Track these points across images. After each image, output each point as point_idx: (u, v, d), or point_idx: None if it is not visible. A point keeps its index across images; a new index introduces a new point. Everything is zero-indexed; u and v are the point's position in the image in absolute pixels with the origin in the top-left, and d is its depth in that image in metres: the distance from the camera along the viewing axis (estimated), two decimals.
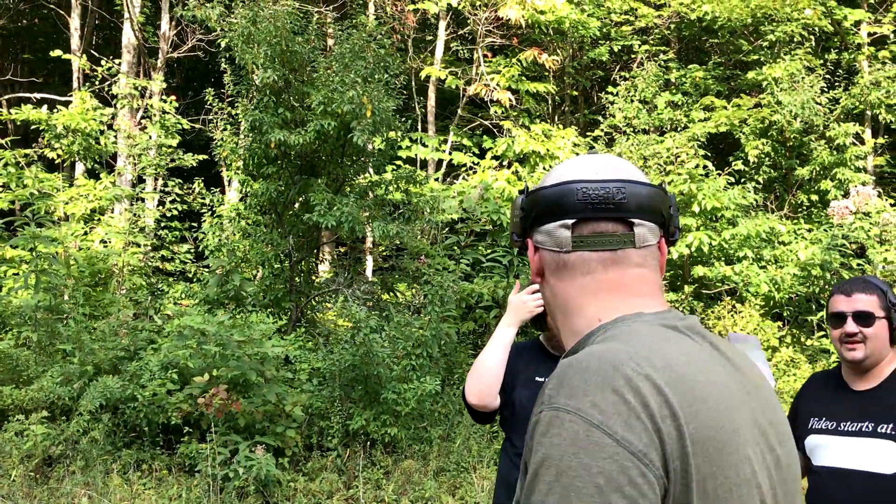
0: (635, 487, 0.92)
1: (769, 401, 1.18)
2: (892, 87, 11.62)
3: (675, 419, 0.98)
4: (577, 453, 0.94)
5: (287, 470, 6.15)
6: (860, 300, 2.43)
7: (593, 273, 1.20)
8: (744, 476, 1.03)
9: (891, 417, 2.32)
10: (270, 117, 7.69)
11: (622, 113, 11.69)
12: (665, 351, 1.06)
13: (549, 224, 1.22)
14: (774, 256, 9.89)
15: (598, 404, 0.97)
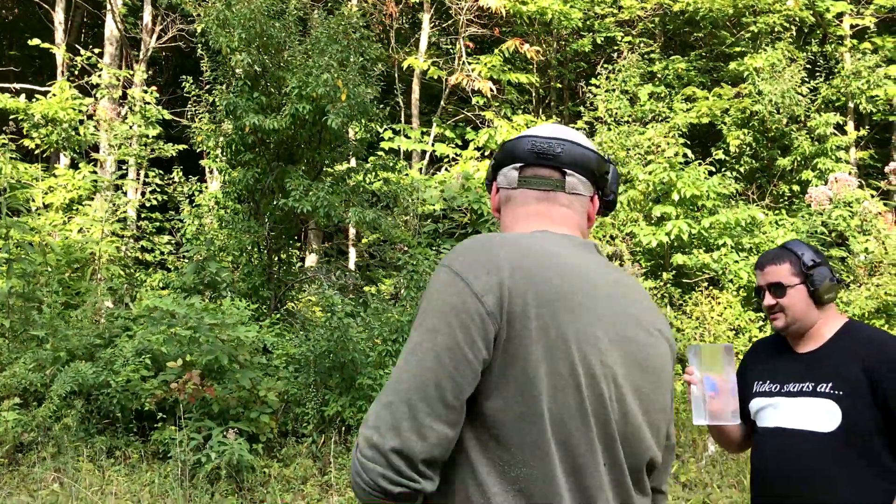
0: (468, 315, 1.29)
1: (648, 320, 1.49)
2: (871, 78, 11.67)
3: (526, 280, 1.31)
4: (440, 290, 1.34)
5: (261, 456, 6.12)
6: (771, 272, 2.51)
7: (528, 205, 1.56)
8: (585, 336, 1.33)
9: (830, 377, 2.36)
10: (245, 102, 7.65)
11: (605, 104, 11.68)
12: (544, 243, 1.41)
13: (506, 167, 1.59)
14: (754, 245, 9.91)
15: (464, 262, 1.35)
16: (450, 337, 1.28)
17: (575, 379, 1.30)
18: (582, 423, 1.31)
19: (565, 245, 1.44)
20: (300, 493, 5.75)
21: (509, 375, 1.28)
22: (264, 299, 8.31)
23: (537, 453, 1.28)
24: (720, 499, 5.98)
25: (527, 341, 1.28)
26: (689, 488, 6.22)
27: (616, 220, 10.33)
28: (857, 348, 2.37)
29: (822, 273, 2.46)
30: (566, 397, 1.30)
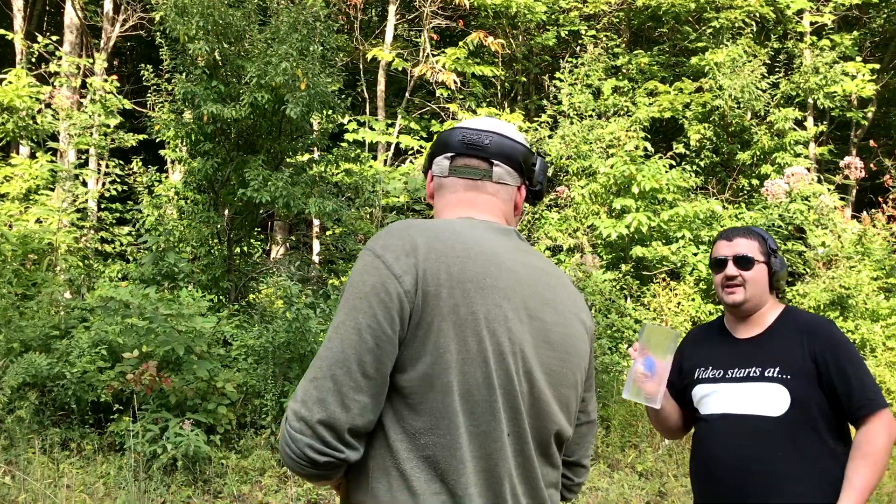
0: (388, 294, 1.39)
1: (558, 300, 1.58)
2: (829, 74, 11.86)
3: (439, 261, 1.41)
4: (362, 272, 1.43)
5: (219, 447, 6.08)
6: (741, 244, 2.49)
7: (457, 192, 1.66)
8: (495, 315, 1.43)
9: (776, 361, 2.37)
10: (204, 91, 7.57)
11: (569, 98, 11.75)
12: (462, 228, 1.51)
13: (439, 157, 1.69)
14: (712, 237, 10.04)
15: (385, 244, 1.44)
16: (370, 315, 1.37)
17: (482, 353, 1.40)
18: (488, 394, 1.40)
19: (484, 230, 1.54)
20: (258, 483, 5.73)
21: (423, 350, 1.37)
22: (224, 290, 8.25)
23: (444, 421, 1.37)
24: (675, 487, 6.07)
25: (439, 318, 1.37)
26: (645, 477, 6.30)
27: (578, 212, 10.41)
28: (798, 333, 2.40)
29: (781, 261, 2.51)
30: (474, 370, 1.39)
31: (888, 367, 7.89)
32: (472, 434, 1.40)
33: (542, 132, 11.52)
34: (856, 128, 14.85)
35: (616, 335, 8.50)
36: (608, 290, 9.08)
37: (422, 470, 1.38)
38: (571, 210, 10.51)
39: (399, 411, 1.39)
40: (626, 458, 6.64)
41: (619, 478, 6.17)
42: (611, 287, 9.20)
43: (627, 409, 7.37)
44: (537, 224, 10.56)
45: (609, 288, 9.13)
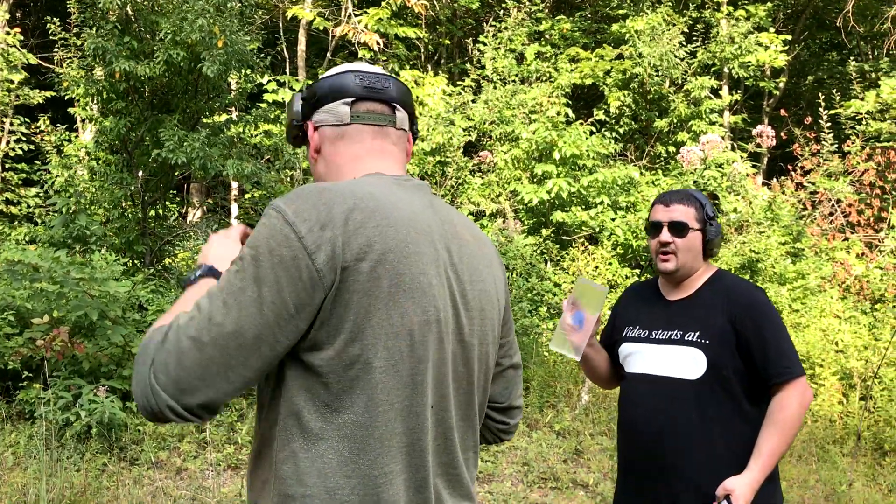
0: (298, 271, 1.26)
1: (472, 254, 1.52)
2: (744, 44, 12.17)
3: (357, 235, 1.29)
4: (271, 238, 1.28)
5: (135, 414, 5.96)
6: (677, 210, 2.48)
7: (363, 141, 1.52)
8: (419, 283, 1.35)
9: (698, 326, 2.40)
10: (115, 46, 7.27)
11: (492, 63, 11.76)
12: (375, 190, 1.39)
13: (332, 103, 1.52)
14: (630, 203, 10.26)
15: (299, 211, 1.30)
16: (275, 291, 1.25)
17: (407, 326, 1.32)
18: (412, 367, 1.33)
19: (399, 189, 1.45)
20: (176, 450, 5.64)
21: (340, 327, 1.28)
22: (139, 254, 8.02)
23: (362, 399, 1.29)
24: (591, 445, 6.25)
25: (358, 294, 1.28)
26: (562, 436, 6.46)
27: (500, 178, 10.48)
28: (722, 297, 2.42)
29: (717, 227, 2.51)
30: (398, 344, 1.31)
31: (793, 328, 8.24)
32: (395, 410, 1.32)
33: (466, 96, 11.50)
34: (768, 97, 15.33)
35: (536, 298, 8.64)
36: (529, 255, 9.21)
37: (335, 451, 1.30)
38: (494, 175, 10.58)
39: (314, 391, 1.30)
40: (545, 418, 6.80)
41: (537, 437, 6.31)
42: (532, 251, 9.32)
43: (546, 371, 7.53)
44: (460, 189, 10.59)
45: (530, 252, 9.26)
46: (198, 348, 1.23)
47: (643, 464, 2.44)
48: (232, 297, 1.25)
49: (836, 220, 10.10)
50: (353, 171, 1.50)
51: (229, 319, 1.24)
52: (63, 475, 4.76)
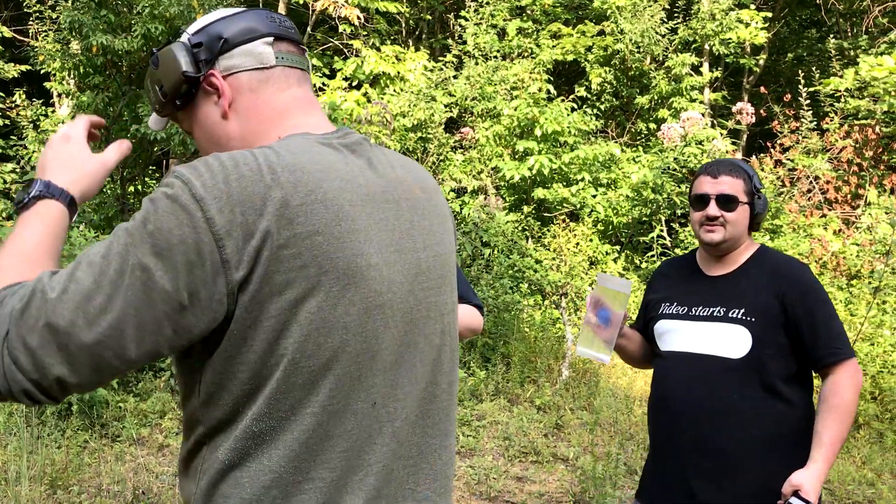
0: (199, 256, 1.04)
1: (424, 212, 1.29)
2: (725, 21, 12.18)
3: (279, 217, 1.06)
4: (170, 213, 1.04)
5: (116, 391, 5.96)
6: (725, 182, 2.36)
7: (290, 88, 1.27)
8: (356, 266, 1.13)
9: (742, 303, 2.30)
10: (92, 20, 7.16)
11: (474, 38, 11.71)
12: (302, 159, 1.13)
13: (248, 44, 1.25)
14: (610, 180, 10.30)
15: (207, 185, 1.05)
16: (170, 277, 1.03)
17: (341, 318, 1.11)
18: (348, 364, 1.13)
19: (330, 154, 1.19)
20: (157, 426, 5.65)
21: (259, 327, 1.08)
22: None
23: (289, 403, 1.11)
24: (571, 420, 6.32)
25: (280, 287, 1.07)
26: (543, 411, 6.53)
27: (482, 154, 10.47)
28: (769, 274, 2.33)
29: (765, 200, 2.41)
30: (330, 340, 1.10)
31: None
32: (327, 413, 1.12)
33: (448, 72, 11.45)
34: (748, 74, 15.37)
35: (517, 275, 8.68)
36: (510, 232, 9.23)
37: (253, 459, 1.11)
38: (476, 152, 10.57)
39: (234, 396, 1.11)
40: (526, 393, 6.86)
41: (518, 412, 6.37)
42: (513, 228, 9.35)
43: (527, 346, 7.58)
44: (442, 166, 10.58)
45: (511, 229, 9.28)
46: (67, 335, 1.01)
47: (679, 446, 2.34)
48: (119, 273, 1.03)
49: (814, 197, 10.19)
50: (279, 127, 1.25)
51: (112, 300, 1.02)
52: (44, 452, 4.75)
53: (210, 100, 1.27)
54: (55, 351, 1.01)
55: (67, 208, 1.22)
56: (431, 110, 10.38)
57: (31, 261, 1.12)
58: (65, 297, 1.02)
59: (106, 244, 1.06)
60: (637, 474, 5.19)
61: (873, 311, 7.40)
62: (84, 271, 1.04)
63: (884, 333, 7.24)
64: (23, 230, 1.16)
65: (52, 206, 1.20)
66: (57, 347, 1.01)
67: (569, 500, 4.80)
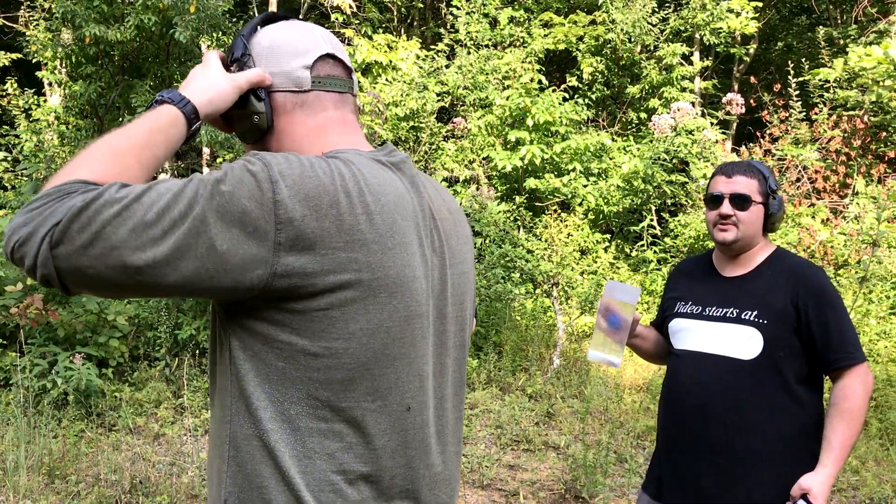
0: (256, 230, 1.08)
1: (452, 233, 1.37)
2: (715, 11, 12.22)
3: (342, 220, 1.12)
4: (243, 184, 1.08)
5: (111, 380, 6.00)
6: (739, 182, 2.37)
7: (326, 111, 1.31)
8: (403, 277, 1.20)
9: (755, 304, 2.31)
10: (85, 10, 7.15)
11: (466, 27, 11.71)
12: (362, 169, 1.20)
13: (288, 65, 1.31)
14: (601, 169, 10.36)
15: (284, 173, 1.10)
16: (222, 241, 1.06)
17: (385, 324, 1.18)
18: (385, 367, 1.20)
19: (380, 169, 1.25)
20: (153, 416, 5.70)
21: (328, 329, 1.14)
22: None
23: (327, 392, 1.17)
24: (562, 408, 6.39)
25: (334, 285, 1.12)
26: (535, 399, 6.60)
27: (474, 144, 10.51)
28: (784, 276, 2.33)
29: (780, 201, 2.40)
30: (372, 343, 1.17)
31: None
32: (364, 410, 1.19)
33: (440, 61, 11.47)
34: (738, 63, 15.42)
35: (509, 265, 8.74)
36: (502, 221, 9.29)
37: (286, 444, 1.17)
38: (468, 141, 10.61)
39: (271, 381, 1.16)
40: (517, 382, 6.93)
41: (509, 400, 6.44)
42: (505, 218, 9.41)
43: (518, 335, 7.66)
44: (434, 155, 10.61)
45: (503, 219, 9.34)
46: (113, 249, 1.03)
47: (687, 442, 2.37)
48: (176, 218, 1.05)
49: (803, 187, 10.28)
50: (318, 144, 1.29)
51: (162, 244, 1.04)
52: (41, 442, 4.80)
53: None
54: (95, 257, 1.02)
55: (187, 117, 1.24)
56: (424, 100, 10.41)
57: (119, 156, 1.14)
58: (125, 214, 1.03)
59: (180, 184, 1.08)
60: (627, 462, 5.28)
61: (860, 301, 7.50)
62: (151, 199, 1.05)
63: (870, 322, 7.35)
64: (129, 126, 1.19)
65: (169, 111, 1.22)
66: (98, 255, 1.02)
67: (560, 488, 4.88)
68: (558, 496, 4.79)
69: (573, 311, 8.27)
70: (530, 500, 4.71)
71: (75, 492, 4.42)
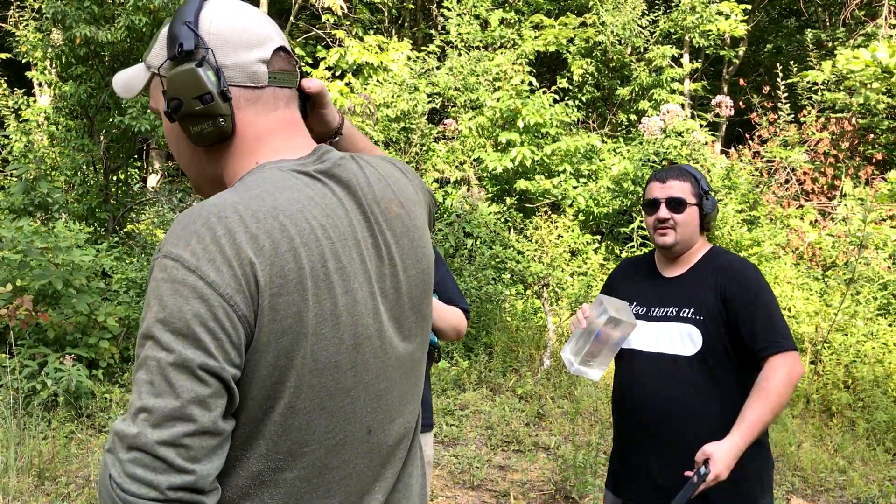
0: (218, 322, 1.02)
1: (404, 230, 1.27)
2: (705, 13, 12.29)
3: (271, 265, 1.06)
4: (175, 294, 1.02)
5: (102, 381, 5.99)
6: (674, 187, 2.48)
7: (277, 110, 1.22)
8: (344, 305, 1.13)
9: (692, 302, 2.41)
10: (75, 11, 7.14)
11: (457, 29, 11.74)
12: (278, 199, 1.11)
13: (242, 57, 1.18)
14: (591, 171, 10.40)
15: (196, 252, 1.04)
16: (203, 352, 1.01)
17: (333, 358, 1.12)
18: (343, 399, 1.16)
19: (306, 185, 1.17)
20: None
21: (257, 375, 1.08)
22: (101, 221, 7.97)
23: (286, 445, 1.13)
24: (553, 409, 6.42)
25: (276, 335, 1.07)
26: (525, 400, 6.63)
27: (464, 145, 10.53)
28: (715, 273, 2.42)
29: (713, 201, 2.51)
30: (324, 381, 1.12)
31: None
32: (324, 448, 1.15)
33: (431, 62, 11.49)
34: (727, 65, 15.51)
35: (500, 266, 8.77)
36: (493, 223, 9.32)
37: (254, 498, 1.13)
38: (458, 143, 10.63)
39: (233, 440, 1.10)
40: (508, 382, 6.96)
41: (500, 401, 6.47)
42: (495, 219, 9.43)
43: (509, 336, 7.68)
44: (425, 156, 10.63)
45: (494, 220, 9.36)
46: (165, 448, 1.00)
47: (640, 439, 2.46)
48: (160, 373, 1.01)
49: (791, 189, 10.35)
50: (259, 151, 1.20)
51: (168, 402, 1.00)
52: (31, 443, 4.79)
53: None
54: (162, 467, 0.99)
55: None
56: (414, 101, 10.42)
57: None
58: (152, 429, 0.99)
59: (142, 365, 1.03)
60: None
61: (847, 302, 7.56)
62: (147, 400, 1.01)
63: (857, 324, 7.40)
64: None
65: None
66: (159, 463, 0.99)
67: (550, 489, 4.90)
68: (548, 496, 4.81)
69: (563, 312, 8.30)
70: (520, 501, 4.74)
71: (65, 493, 4.42)
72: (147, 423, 0.99)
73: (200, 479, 1.01)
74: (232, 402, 1.06)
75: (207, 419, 1.02)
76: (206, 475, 1.02)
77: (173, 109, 1.18)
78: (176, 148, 1.28)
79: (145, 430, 0.99)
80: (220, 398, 1.03)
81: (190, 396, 1.00)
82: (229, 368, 1.03)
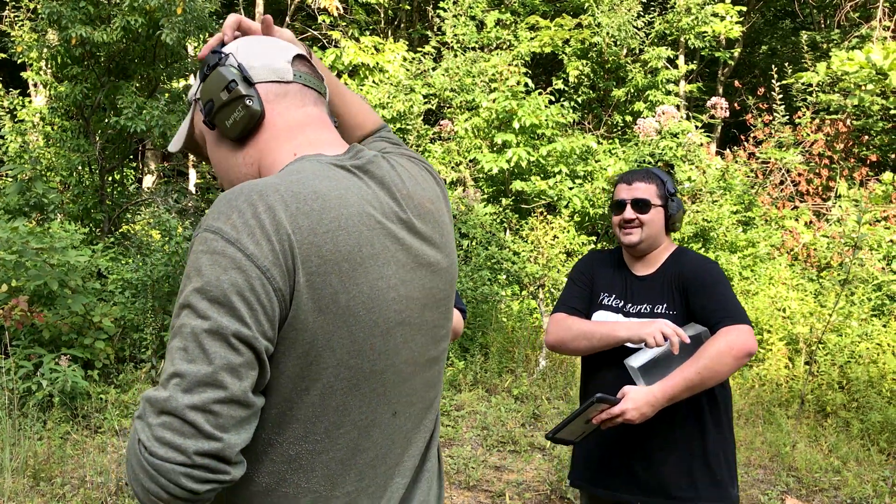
0: (254, 293, 1.06)
1: (434, 225, 1.34)
2: (700, 15, 12.32)
3: (309, 244, 1.10)
4: (213, 264, 1.07)
5: (97, 382, 5.99)
6: (639, 188, 2.57)
7: (307, 106, 1.30)
8: (378, 290, 1.18)
9: (663, 299, 2.50)
10: (71, 11, 7.13)
11: (453, 30, 11.75)
12: (318, 185, 1.16)
13: (269, 59, 1.29)
14: (587, 172, 10.42)
15: (236, 225, 1.08)
16: (239, 321, 1.05)
17: (369, 340, 1.18)
18: (373, 381, 1.21)
19: (344, 177, 1.22)
20: None
21: (294, 352, 1.12)
22: (97, 222, 7.96)
23: (323, 424, 1.17)
24: (548, 410, 6.43)
25: (314, 314, 1.11)
26: (520, 400, 6.63)
27: (460, 146, 10.55)
28: (678, 270, 2.51)
29: (678, 203, 2.59)
30: (360, 362, 1.17)
31: (743, 295, 8.52)
32: (358, 429, 1.20)
33: (427, 63, 11.50)
34: (723, 67, 15.55)
35: (496, 266, 8.78)
36: (489, 224, 9.33)
37: (290, 483, 1.17)
38: (455, 144, 10.64)
39: (265, 420, 1.14)
40: (503, 383, 6.96)
41: (496, 401, 6.47)
42: (491, 220, 9.45)
43: (505, 337, 7.69)
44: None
45: (490, 221, 9.38)
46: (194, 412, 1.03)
47: (617, 431, 2.47)
48: (194, 339, 1.05)
49: (786, 190, 10.38)
50: (293, 141, 1.27)
51: (202, 368, 1.04)
52: (26, 444, 4.78)
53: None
54: (184, 432, 1.03)
55: None
56: (410, 102, 10.43)
57: None
58: (174, 382, 1.04)
59: (177, 333, 1.07)
60: None
61: (841, 303, 7.58)
62: (179, 365, 1.04)
63: (851, 325, 7.43)
64: None
65: None
66: (185, 429, 1.03)
67: (546, 489, 4.91)
68: (544, 497, 4.82)
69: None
70: (516, 501, 4.74)
71: (61, 494, 4.42)
72: (178, 388, 1.03)
73: (227, 449, 1.04)
74: (263, 376, 1.09)
75: (238, 388, 1.05)
76: (234, 445, 1.05)
77: (207, 113, 1.27)
78: (216, 157, 1.34)
79: (176, 395, 1.03)
80: (252, 369, 1.06)
81: (222, 363, 1.04)
82: (262, 340, 1.07)
